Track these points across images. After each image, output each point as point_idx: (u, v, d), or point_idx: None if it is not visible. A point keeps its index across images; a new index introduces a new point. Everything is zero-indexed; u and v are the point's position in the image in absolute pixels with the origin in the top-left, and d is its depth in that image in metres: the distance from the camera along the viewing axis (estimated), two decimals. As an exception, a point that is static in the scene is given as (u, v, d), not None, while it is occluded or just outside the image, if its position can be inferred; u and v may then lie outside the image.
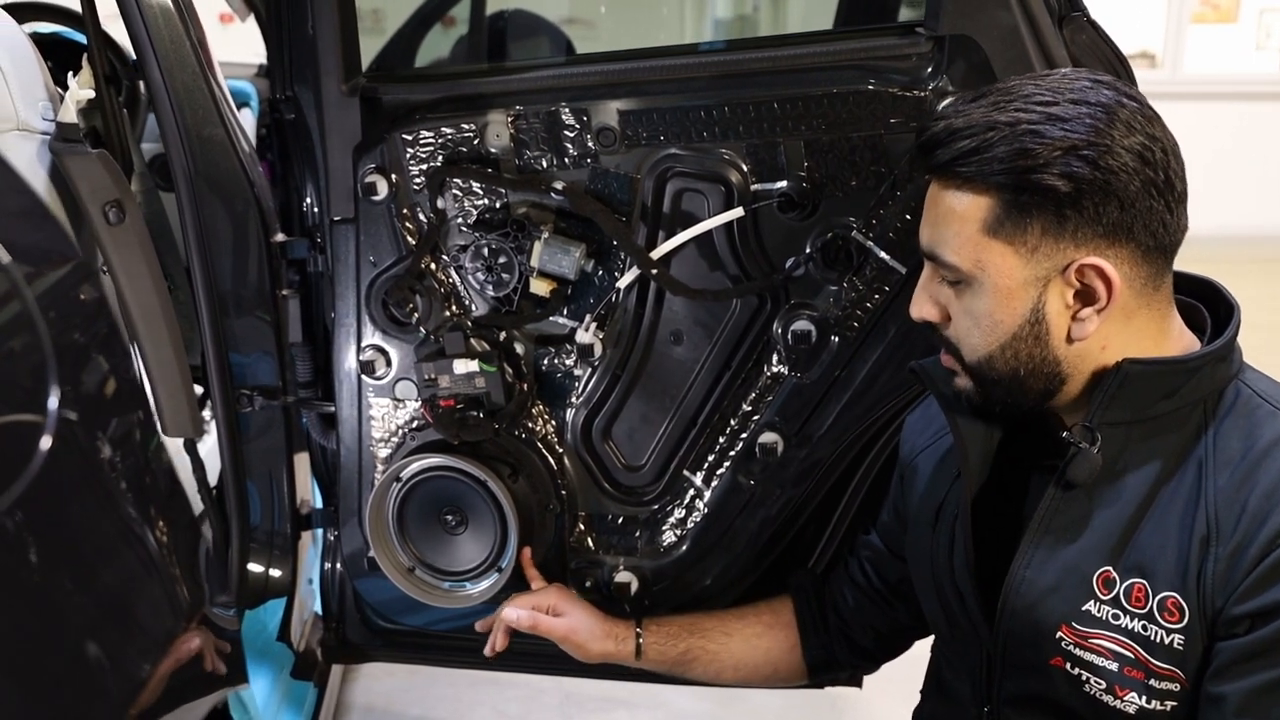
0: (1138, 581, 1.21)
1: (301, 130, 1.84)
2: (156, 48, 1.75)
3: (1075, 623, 1.25)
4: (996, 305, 1.21)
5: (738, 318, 1.74)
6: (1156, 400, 1.22)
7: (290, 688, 1.96)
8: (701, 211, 1.69)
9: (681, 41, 6.15)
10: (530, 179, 1.73)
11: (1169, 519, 1.20)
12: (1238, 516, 1.16)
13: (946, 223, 1.22)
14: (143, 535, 0.80)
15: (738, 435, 1.79)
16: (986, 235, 1.19)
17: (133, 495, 0.81)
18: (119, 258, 1.79)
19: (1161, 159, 1.16)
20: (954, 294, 1.26)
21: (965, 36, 1.53)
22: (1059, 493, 1.26)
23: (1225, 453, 1.19)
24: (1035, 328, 1.21)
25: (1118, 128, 1.15)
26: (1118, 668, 1.22)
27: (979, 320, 1.24)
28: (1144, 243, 1.18)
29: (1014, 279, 1.20)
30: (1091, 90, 1.18)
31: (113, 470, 0.80)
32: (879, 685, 1.88)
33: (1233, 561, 1.15)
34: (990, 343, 1.24)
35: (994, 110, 1.17)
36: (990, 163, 1.16)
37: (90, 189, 1.73)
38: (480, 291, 1.79)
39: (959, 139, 1.17)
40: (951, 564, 1.41)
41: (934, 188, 1.24)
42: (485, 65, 2.93)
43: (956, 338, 1.28)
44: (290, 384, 1.97)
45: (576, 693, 2.76)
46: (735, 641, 1.69)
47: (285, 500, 2.05)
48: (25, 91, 1.68)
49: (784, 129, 1.62)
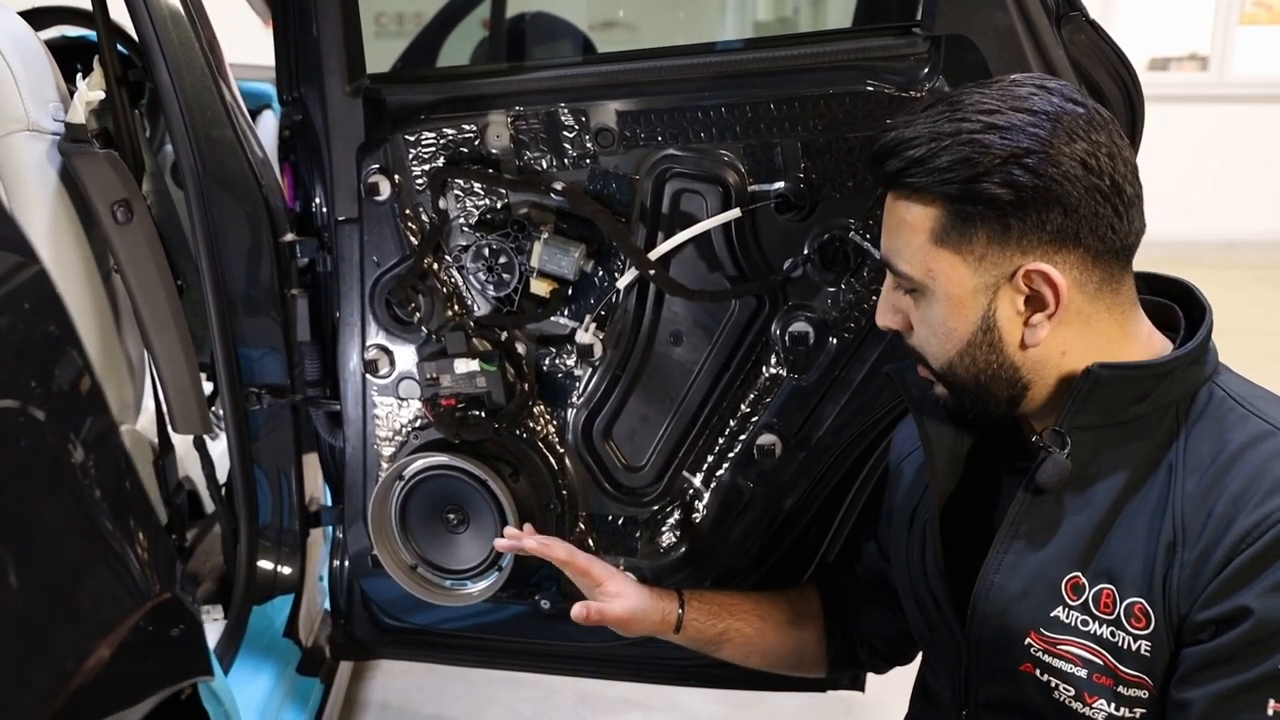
0: (1106, 587, 1.20)
1: (308, 131, 1.86)
2: (165, 49, 1.78)
3: (1044, 629, 1.24)
4: (949, 313, 1.22)
5: (736, 319, 1.74)
6: (1128, 404, 1.20)
7: (295, 684, 1.98)
8: (700, 212, 1.69)
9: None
10: (530, 179, 1.74)
11: (1138, 524, 1.19)
12: (1204, 521, 1.14)
13: (898, 233, 1.23)
14: (83, 522, 0.81)
15: (736, 437, 1.78)
16: (935, 245, 1.20)
17: (70, 480, 0.82)
18: (128, 257, 1.82)
19: (1106, 164, 1.15)
20: (912, 303, 1.26)
21: (961, 36, 1.52)
22: (1028, 497, 1.25)
23: (1196, 456, 1.18)
24: (988, 334, 1.21)
25: (1060, 135, 1.14)
26: (1086, 674, 1.21)
27: (935, 329, 1.24)
28: (1093, 247, 1.17)
29: (963, 287, 1.20)
30: (1036, 97, 1.17)
31: (46, 452, 0.81)
32: (895, 691, 1.85)
33: (1198, 567, 1.14)
34: (948, 350, 1.24)
35: (940, 120, 1.17)
36: (935, 172, 1.16)
37: (98, 189, 1.77)
38: (482, 291, 1.80)
39: (906, 149, 1.18)
40: (925, 568, 1.41)
41: (889, 198, 1.25)
42: (487, 66, 2.94)
43: (919, 346, 1.29)
44: (299, 382, 1.99)
45: (591, 694, 2.77)
46: (769, 628, 1.66)
47: (294, 498, 2.08)
48: (36, 93, 1.72)
49: (781, 130, 1.62)
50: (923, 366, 1.31)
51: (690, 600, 1.64)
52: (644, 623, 1.58)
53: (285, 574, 2.08)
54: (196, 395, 1.95)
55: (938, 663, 1.45)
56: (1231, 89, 7.69)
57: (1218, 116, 7.60)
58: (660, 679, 2.08)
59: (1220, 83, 7.71)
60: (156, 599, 0.86)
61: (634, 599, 1.57)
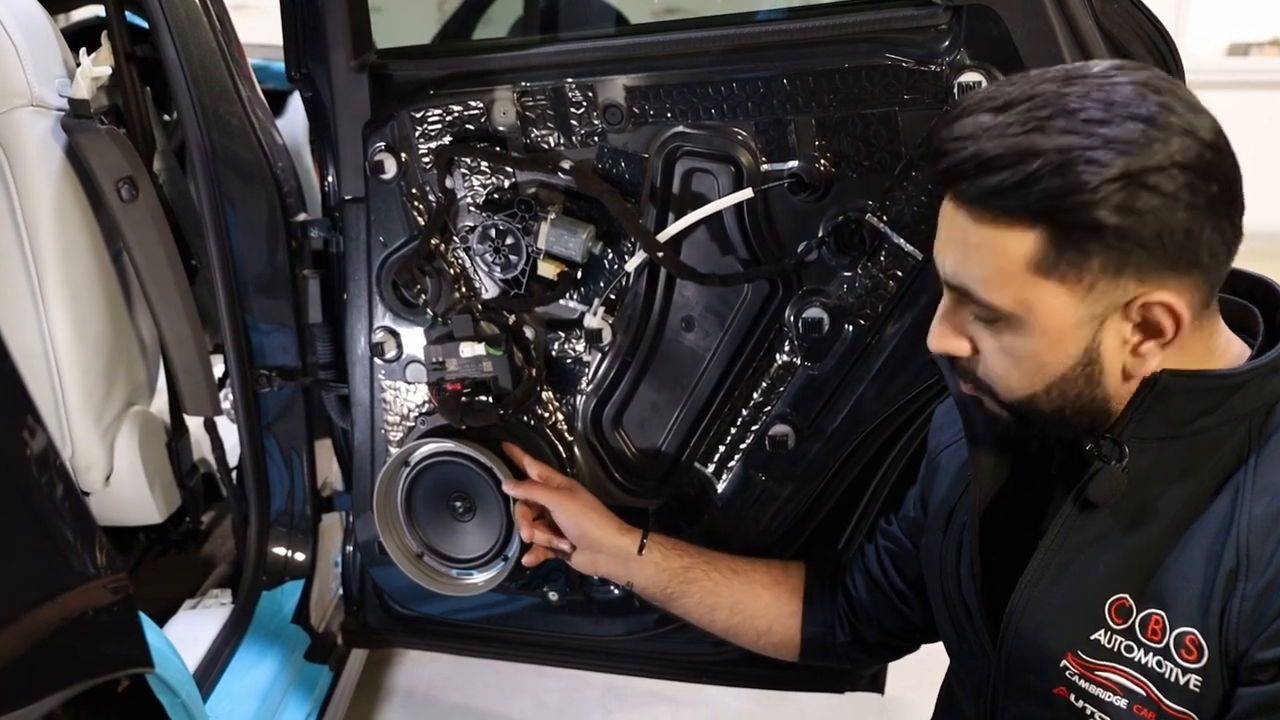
0: (1155, 613, 1.09)
1: (318, 109, 1.82)
2: (172, 24, 1.76)
3: (1082, 652, 1.14)
4: (1044, 347, 1.07)
5: (749, 304, 1.66)
6: (1195, 416, 1.08)
7: (302, 670, 1.95)
8: (711, 192, 1.62)
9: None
10: (537, 158, 1.68)
11: (1196, 547, 1.07)
12: (1272, 550, 1.02)
13: (981, 259, 1.06)
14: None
15: (749, 427, 1.71)
16: (1033, 274, 1.03)
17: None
18: (134, 235, 1.80)
19: (1216, 161, 1.00)
20: (987, 331, 1.11)
21: (983, 6, 1.43)
22: (1076, 510, 1.14)
23: (1267, 477, 1.05)
24: (1089, 368, 1.07)
25: (1173, 142, 0.98)
26: (1126, 705, 1.11)
27: (1020, 361, 1.09)
28: (1210, 267, 1.03)
29: (1066, 319, 1.05)
30: (1139, 100, 1.00)
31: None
32: (927, 691, 1.76)
33: (1262, 600, 1.02)
34: (1034, 384, 1.10)
35: (1032, 130, 1.00)
36: (1038, 197, 0.99)
37: (103, 166, 1.74)
38: (489, 273, 1.75)
39: (995, 169, 1.01)
40: (959, 574, 1.31)
41: (959, 214, 1.07)
42: (494, 40, 2.88)
43: (989, 377, 1.13)
44: (310, 365, 1.96)
45: (619, 686, 2.71)
46: (739, 581, 1.60)
47: (307, 482, 2.05)
48: (40, 68, 1.70)
49: (795, 106, 1.54)
50: (988, 398, 1.17)
51: (654, 535, 1.63)
52: (597, 531, 1.61)
53: (297, 559, 2.06)
54: (206, 377, 1.93)
55: (965, 674, 1.35)
56: (1316, 75, 7.40)
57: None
58: (674, 675, 2.02)
59: (1303, 69, 7.43)
60: (74, 587, 0.82)
61: (585, 502, 1.64)
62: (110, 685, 0.95)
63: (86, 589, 0.85)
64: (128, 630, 0.90)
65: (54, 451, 0.84)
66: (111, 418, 1.88)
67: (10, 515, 0.78)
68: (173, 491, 2.04)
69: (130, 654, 0.91)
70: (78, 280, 1.77)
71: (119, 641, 0.89)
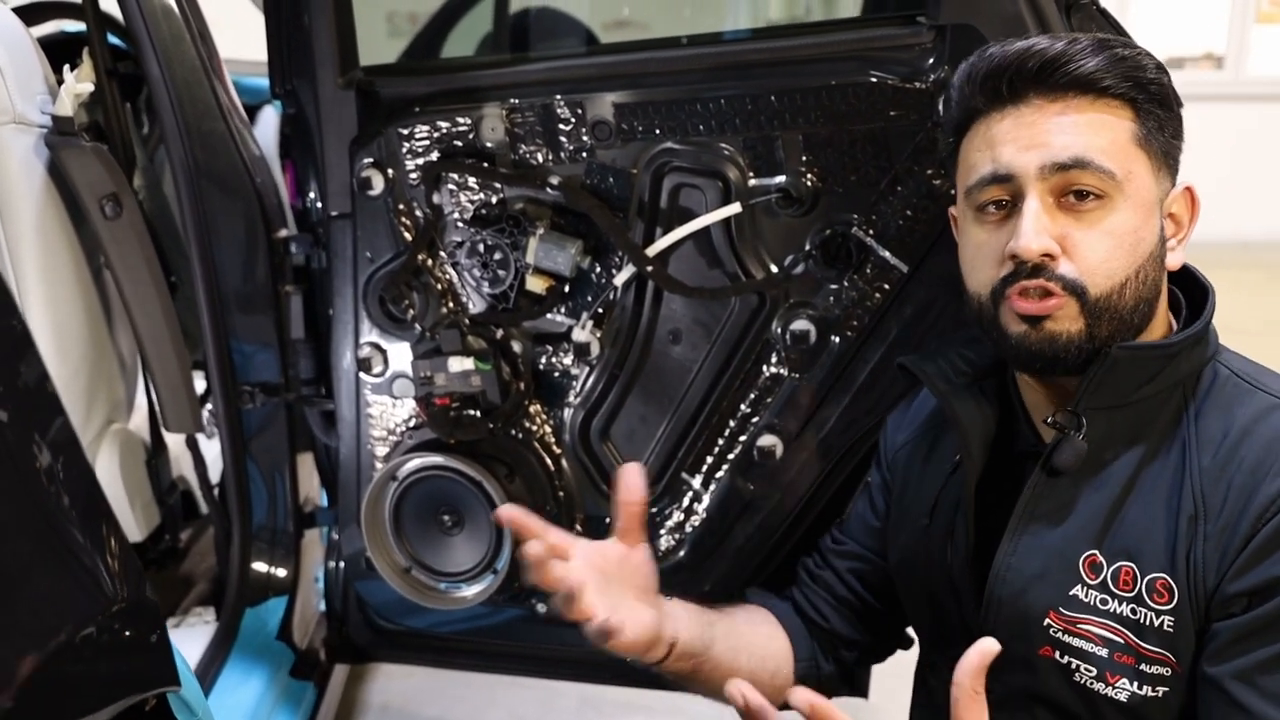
0: (1125, 565, 1.17)
1: (302, 125, 1.82)
2: (155, 42, 1.75)
3: (1063, 608, 1.21)
4: (1141, 221, 1.16)
5: (736, 317, 1.69)
6: (1138, 385, 1.19)
7: (288, 687, 1.94)
8: (699, 207, 1.65)
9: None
10: (525, 174, 1.70)
11: (1155, 500, 1.17)
12: (1224, 494, 1.13)
13: (1099, 131, 1.14)
14: (35, 524, 0.78)
15: (736, 437, 1.74)
16: (1136, 146, 1.15)
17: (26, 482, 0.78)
18: (117, 252, 1.79)
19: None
20: (1083, 222, 1.15)
21: (967, 25, 1.47)
22: (1044, 479, 1.22)
23: (1207, 432, 1.17)
24: (1161, 249, 1.19)
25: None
26: (1107, 654, 1.18)
27: (1121, 240, 1.15)
28: None
29: (1151, 195, 1.16)
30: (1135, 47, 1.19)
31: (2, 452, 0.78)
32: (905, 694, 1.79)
33: (1224, 538, 1.12)
34: (1132, 263, 1.15)
35: (1081, 37, 1.16)
36: (1127, 76, 1.13)
37: (86, 183, 1.73)
38: (477, 288, 1.76)
39: (1086, 55, 1.13)
40: (947, 558, 1.35)
41: (1049, 106, 1.14)
42: (482, 57, 2.90)
43: (1085, 269, 1.14)
44: (293, 381, 1.96)
45: (594, 697, 2.72)
46: (740, 618, 1.48)
47: (289, 498, 2.04)
48: (22, 85, 1.68)
49: (782, 122, 1.58)
50: (1057, 300, 1.15)
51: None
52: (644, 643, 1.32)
53: (279, 576, 2.05)
54: (188, 393, 1.92)
55: (944, 663, 1.39)
56: (1247, 88, 7.60)
57: (1233, 116, 7.51)
58: (659, 685, 2.03)
59: (1236, 81, 7.63)
60: (116, 606, 0.83)
61: (643, 624, 1.30)
62: (139, 705, 0.95)
63: (124, 610, 0.85)
64: (161, 650, 0.91)
65: (93, 477, 0.84)
66: (91, 436, 1.87)
67: (56, 540, 0.78)
68: (152, 509, 2.03)
69: (162, 673, 0.92)
70: (59, 299, 1.76)
71: (154, 661, 0.90)
